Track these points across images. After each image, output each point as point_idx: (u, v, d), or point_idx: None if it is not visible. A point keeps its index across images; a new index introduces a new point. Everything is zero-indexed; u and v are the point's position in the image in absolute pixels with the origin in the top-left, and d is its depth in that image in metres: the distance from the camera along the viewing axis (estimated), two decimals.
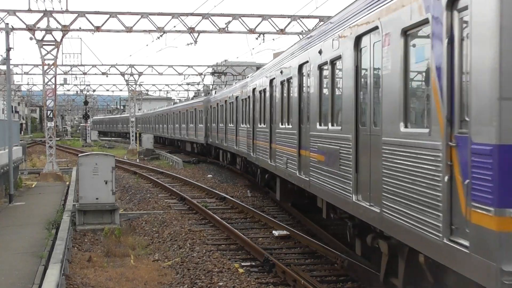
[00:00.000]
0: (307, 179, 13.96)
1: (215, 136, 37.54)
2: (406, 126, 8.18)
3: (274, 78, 18.71)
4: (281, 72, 17.36)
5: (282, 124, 17.45)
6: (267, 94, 19.94)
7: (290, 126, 16.14)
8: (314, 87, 13.42)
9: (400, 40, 8.24)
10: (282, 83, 17.40)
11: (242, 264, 13.63)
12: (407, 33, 8.16)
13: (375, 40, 9.40)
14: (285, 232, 16.38)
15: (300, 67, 14.90)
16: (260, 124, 21.62)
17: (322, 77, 12.99)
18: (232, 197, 23.77)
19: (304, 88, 14.71)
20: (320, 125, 12.98)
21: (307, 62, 14.04)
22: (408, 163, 7.95)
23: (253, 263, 13.69)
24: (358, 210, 10.10)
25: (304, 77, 14.68)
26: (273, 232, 16.72)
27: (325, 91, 12.79)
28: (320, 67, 12.93)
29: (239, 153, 28.61)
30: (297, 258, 14.06)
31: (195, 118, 45.98)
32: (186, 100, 61.83)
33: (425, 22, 7.49)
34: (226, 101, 33.47)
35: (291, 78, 16.04)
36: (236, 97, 29.31)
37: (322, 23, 18.30)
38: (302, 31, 31.13)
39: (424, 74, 7.96)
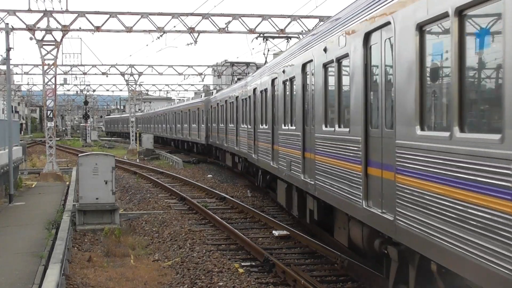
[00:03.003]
0: None
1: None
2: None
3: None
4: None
5: None
6: None
7: None
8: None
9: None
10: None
11: (242, 264, 13.63)
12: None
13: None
14: (285, 232, 16.38)
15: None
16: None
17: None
18: (232, 197, 23.76)
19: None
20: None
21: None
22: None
23: (253, 263, 13.69)
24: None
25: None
26: (273, 232, 16.73)
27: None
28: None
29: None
30: (297, 258, 14.05)
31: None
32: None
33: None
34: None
35: None
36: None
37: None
38: (302, 31, 31.13)
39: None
